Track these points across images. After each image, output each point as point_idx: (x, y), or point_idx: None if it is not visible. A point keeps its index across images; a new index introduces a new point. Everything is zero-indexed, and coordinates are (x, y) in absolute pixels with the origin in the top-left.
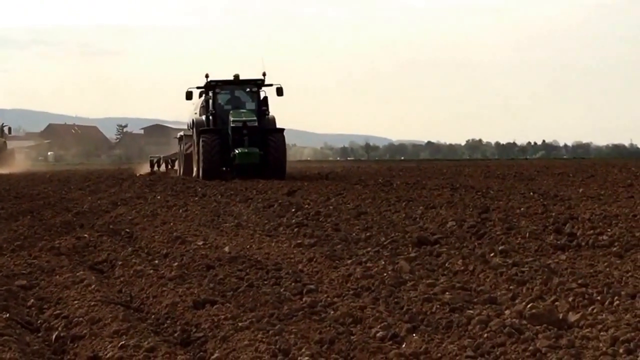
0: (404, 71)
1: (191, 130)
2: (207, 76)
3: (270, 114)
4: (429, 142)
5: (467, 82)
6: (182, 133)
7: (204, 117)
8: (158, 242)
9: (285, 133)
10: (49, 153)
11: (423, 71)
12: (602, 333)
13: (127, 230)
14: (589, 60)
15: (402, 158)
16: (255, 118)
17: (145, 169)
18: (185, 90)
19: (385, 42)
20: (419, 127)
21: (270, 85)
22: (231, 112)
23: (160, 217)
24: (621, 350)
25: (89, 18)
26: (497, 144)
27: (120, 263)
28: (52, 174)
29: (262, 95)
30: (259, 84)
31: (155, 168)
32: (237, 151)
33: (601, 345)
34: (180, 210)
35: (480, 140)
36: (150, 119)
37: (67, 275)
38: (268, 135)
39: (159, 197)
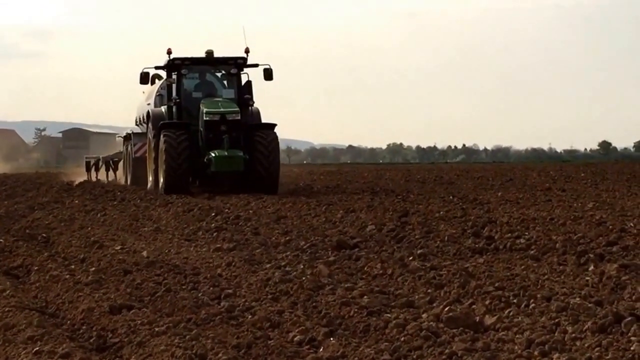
0: (324, 75)
1: (144, 125)
2: (169, 52)
3: (255, 104)
4: (350, 146)
5: (387, 86)
6: (129, 130)
7: (163, 108)
8: (75, 246)
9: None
10: None
11: (344, 75)
12: (517, 336)
13: (44, 235)
14: (507, 65)
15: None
16: (237, 109)
17: (79, 177)
18: (140, 72)
19: (304, 46)
20: (340, 130)
21: (256, 65)
22: (203, 101)
23: (78, 222)
24: (536, 353)
25: (3, 20)
26: (418, 147)
27: (36, 268)
28: None
29: (243, 79)
30: (240, 63)
31: (93, 172)
32: (213, 154)
33: (517, 347)
34: (99, 215)
35: (401, 144)
36: (69, 122)
37: None
38: (255, 132)
39: (76, 202)
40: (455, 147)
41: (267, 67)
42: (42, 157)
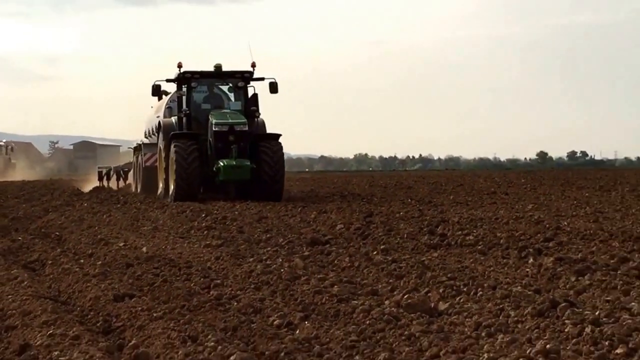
0: (299, 94)
1: (153, 137)
2: (179, 66)
3: (260, 116)
4: (322, 156)
5: (354, 103)
6: (140, 141)
7: (174, 119)
8: (84, 243)
9: None
10: None
11: (316, 94)
12: (467, 319)
13: (57, 233)
14: (457, 86)
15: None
16: (244, 120)
17: (88, 184)
18: (152, 84)
19: (281, 70)
20: (313, 142)
21: (262, 79)
22: (212, 112)
23: (87, 222)
24: (483, 334)
25: (21, 48)
26: (381, 157)
27: (50, 262)
28: None
29: (250, 91)
30: (247, 77)
31: (105, 181)
32: (221, 164)
33: (466, 330)
34: (104, 216)
35: (366, 154)
36: (78, 135)
37: (3, 273)
38: (261, 143)
39: (85, 205)
40: (413, 156)
41: (273, 80)
42: (55, 167)
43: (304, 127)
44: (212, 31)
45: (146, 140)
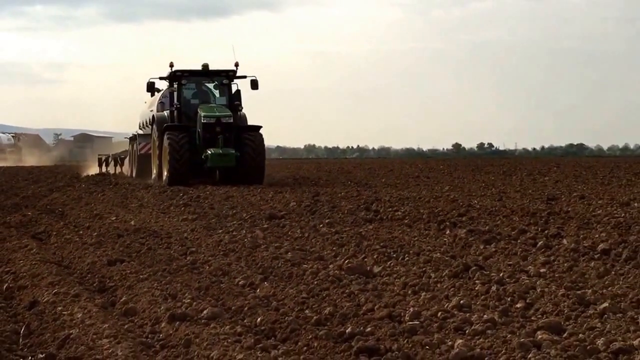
0: (257, 94)
1: (147, 128)
2: (171, 65)
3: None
4: (278, 146)
5: (303, 101)
6: (135, 132)
7: (166, 113)
8: (82, 217)
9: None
10: None
11: (269, 94)
12: (396, 280)
13: (60, 209)
14: (382, 88)
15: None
16: (230, 114)
17: (86, 169)
18: (147, 82)
19: (240, 67)
20: (271, 134)
21: (244, 77)
22: (200, 106)
23: (84, 200)
24: (409, 292)
25: (32, 56)
26: (326, 147)
27: (54, 233)
28: (4, 169)
29: (234, 88)
30: (231, 75)
31: (104, 168)
32: (209, 152)
33: (396, 288)
34: (99, 195)
35: (314, 145)
36: (78, 129)
37: (15, 242)
38: (244, 133)
39: (83, 186)
40: (352, 146)
41: (254, 78)
42: (59, 155)
43: (263, 122)
44: (187, 43)
45: (140, 132)
